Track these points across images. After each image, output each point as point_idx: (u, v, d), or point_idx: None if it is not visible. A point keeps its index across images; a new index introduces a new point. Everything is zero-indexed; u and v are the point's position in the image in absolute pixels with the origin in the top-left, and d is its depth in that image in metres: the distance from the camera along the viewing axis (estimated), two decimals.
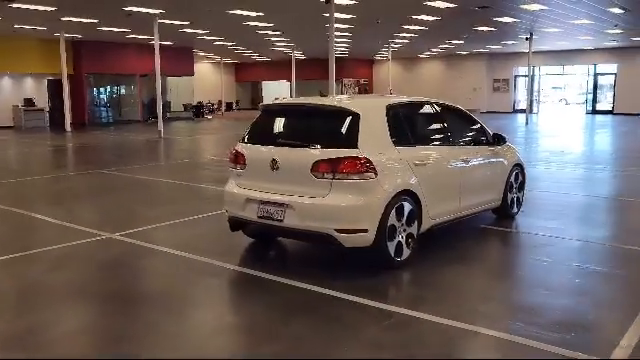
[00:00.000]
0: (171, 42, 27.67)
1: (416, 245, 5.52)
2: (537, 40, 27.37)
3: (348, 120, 5.27)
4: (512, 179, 7.19)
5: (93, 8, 18.41)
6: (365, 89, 43.66)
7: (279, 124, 5.85)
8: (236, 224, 5.87)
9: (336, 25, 22.48)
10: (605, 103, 35.62)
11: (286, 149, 5.40)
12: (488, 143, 6.82)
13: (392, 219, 5.19)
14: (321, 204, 5.05)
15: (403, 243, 5.36)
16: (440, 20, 20.94)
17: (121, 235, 6.71)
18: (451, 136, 6.34)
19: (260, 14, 19.40)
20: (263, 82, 47.35)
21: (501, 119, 30.30)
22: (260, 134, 5.84)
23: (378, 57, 41.87)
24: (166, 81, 31.48)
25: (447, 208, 6.01)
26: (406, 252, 5.40)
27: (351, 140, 5.14)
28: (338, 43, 30.31)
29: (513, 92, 38.37)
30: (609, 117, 32.23)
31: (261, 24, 22.03)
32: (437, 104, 6.36)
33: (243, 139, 5.88)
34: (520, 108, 37.83)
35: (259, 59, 41.96)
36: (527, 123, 26.74)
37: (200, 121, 32.54)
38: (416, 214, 5.48)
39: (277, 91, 46.57)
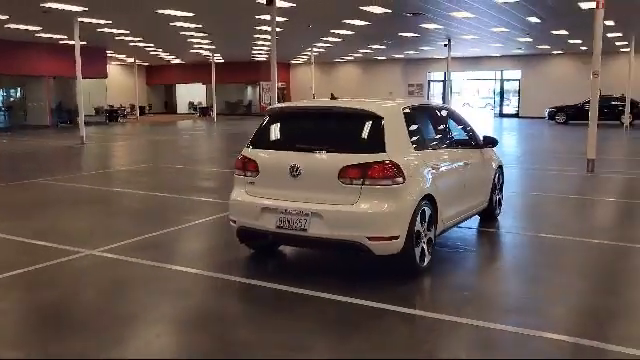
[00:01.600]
0: (84, 42, 26.03)
1: (433, 249, 5.47)
2: (452, 46, 28.45)
3: (373, 123, 5.11)
4: (496, 180, 7.35)
5: (6, 3, 16.91)
6: (283, 93, 43.50)
7: (295, 128, 5.55)
8: (247, 235, 5.52)
9: (266, 28, 22.26)
10: (511, 107, 37.87)
11: (308, 154, 5.13)
12: (479, 145, 6.91)
13: (417, 224, 5.09)
14: (351, 211, 4.85)
15: (425, 248, 5.28)
16: (370, 25, 21.27)
17: (103, 251, 6.10)
18: (454, 139, 6.37)
19: (191, 14, 18.71)
20: (177, 85, 45.86)
21: None
22: (273, 139, 5.54)
23: (294, 61, 41.89)
24: (78, 83, 29.53)
25: (454, 211, 6.01)
26: (427, 257, 5.33)
27: (378, 144, 4.98)
28: (262, 46, 29.98)
29: (427, 96, 39.82)
30: (515, 120, 34.26)
31: (188, 25, 21.27)
32: (441, 108, 6.36)
33: (251, 144, 5.55)
34: None
35: (173, 61, 40.60)
36: None
37: (114, 126, 30.92)
38: (433, 218, 5.42)
39: (192, 95, 45.38)
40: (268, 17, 19.14)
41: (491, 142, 6.99)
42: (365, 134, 5.13)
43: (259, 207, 5.21)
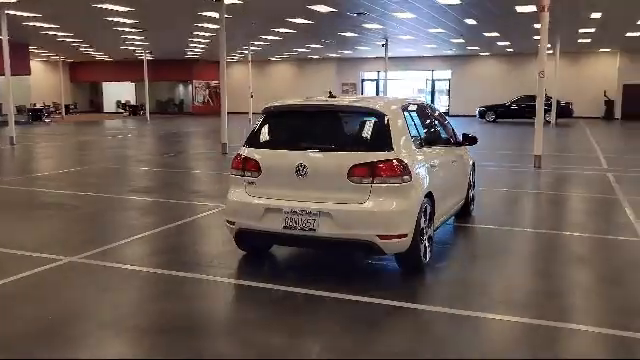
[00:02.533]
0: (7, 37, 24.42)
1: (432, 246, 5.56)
2: (388, 46, 28.97)
3: (378, 121, 5.12)
4: (470, 177, 7.56)
5: None
6: (216, 92, 42.76)
7: (298, 126, 5.44)
8: (247, 237, 5.37)
9: (207, 25, 21.81)
10: (441, 106, 39.10)
11: (315, 153, 5.06)
12: (459, 143, 7.07)
13: (421, 222, 5.15)
14: (361, 210, 4.83)
15: (427, 245, 5.35)
16: (312, 24, 21.29)
17: (84, 258, 5.75)
18: (444, 137, 6.49)
19: (128, 9, 17.97)
20: (104, 83, 44.01)
21: None
22: (274, 138, 5.41)
23: (228, 59, 41.24)
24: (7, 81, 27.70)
25: (446, 208, 6.13)
26: (428, 253, 5.41)
27: (385, 142, 5.00)
28: (197, 44, 29.31)
29: (361, 95, 40.41)
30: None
31: (124, 20, 20.44)
32: (430, 106, 6.45)
33: (248, 143, 5.40)
34: None
35: (99, 58, 38.90)
36: None
37: (39, 125, 29.23)
38: (432, 216, 5.50)
39: (120, 93, 43.73)
40: (211, 14, 18.86)
41: (471, 140, 7.16)
42: (372, 132, 5.13)
43: (263, 208, 5.09)
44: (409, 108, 5.74)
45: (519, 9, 17.89)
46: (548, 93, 30.11)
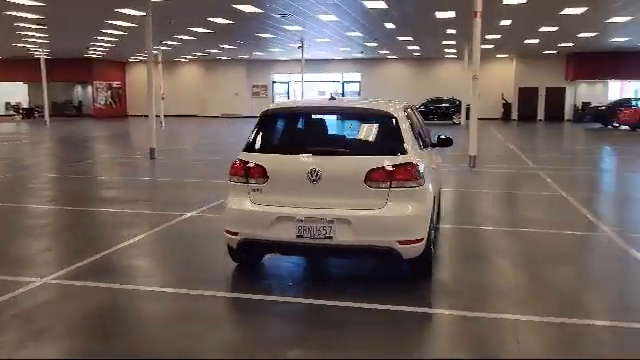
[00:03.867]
0: None
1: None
2: (295, 49, 28.94)
3: (389, 124, 4.99)
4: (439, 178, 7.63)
5: None
6: (118, 93, 40.67)
7: (306, 130, 5.17)
8: (253, 248, 5.02)
9: (119, 23, 20.63)
10: None
11: (329, 157, 4.82)
12: (435, 145, 7.08)
13: (431, 225, 5.09)
14: (381, 216, 4.67)
15: (432, 248, 5.30)
16: (232, 24, 20.79)
17: (59, 279, 5.12)
18: (429, 139, 6.48)
19: (39, 4, 16.53)
20: None
21: None
22: (280, 142, 5.11)
23: (133, 59, 39.41)
24: None
25: (434, 211, 6.11)
26: (433, 257, 5.36)
27: (398, 145, 4.87)
28: (102, 42, 27.65)
29: (272, 97, 40.18)
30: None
31: (27, 15, 18.75)
32: (416, 107, 6.41)
33: (249, 148, 5.06)
34: None
35: None
36: None
37: None
38: (436, 219, 5.46)
39: (9, 94, 40.28)
40: (128, 11, 17.83)
41: (446, 142, 7.19)
42: (385, 135, 5.00)
43: (273, 216, 4.78)
44: (407, 110, 5.67)
45: (439, 15, 18.55)
46: (455, 96, 31.78)
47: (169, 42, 27.53)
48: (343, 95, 39.71)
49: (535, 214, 8.51)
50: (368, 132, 5.13)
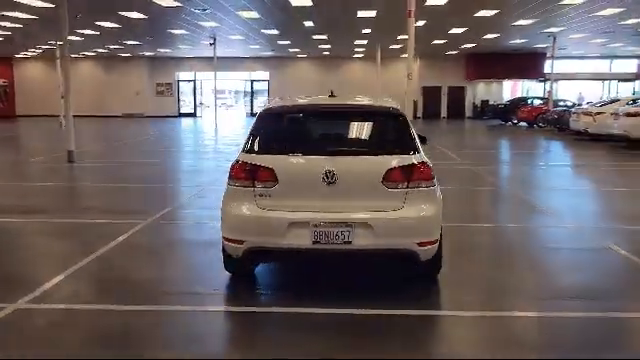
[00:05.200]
0: None
1: None
2: (202, 47, 28.12)
3: (398, 122, 4.83)
4: None
5: None
6: (5, 91, 37.34)
7: (315, 129, 4.86)
8: (260, 257, 4.65)
9: (16, 14, 18.89)
10: (260, 108, 39.28)
11: (345, 158, 4.56)
12: None
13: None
14: (401, 217, 4.48)
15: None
16: (144, 19, 19.72)
17: (32, 302, 4.45)
18: None
19: None
20: None
21: (170, 123, 30.93)
22: (287, 142, 4.75)
23: (22, 56, 36.34)
24: None
25: None
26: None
27: (410, 144, 4.72)
28: None
29: (177, 97, 38.77)
30: None
31: None
32: None
33: (250, 150, 4.68)
34: (185, 112, 38.68)
35: None
36: (194, 125, 27.54)
37: None
38: None
39: None
40: (28, 1, 16.33)
41: (423, 140, 7.13)
42: (395, 134, 4.82)
43: (285, 222, 4.44)
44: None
45: (360, 14, 18.72)
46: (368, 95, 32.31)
47: (69, 37, 25.60)
48: (252, 95, 39.19)
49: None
50: (379, 131, 4.92)
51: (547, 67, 31.36)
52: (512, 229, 7.31)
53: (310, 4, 16.67)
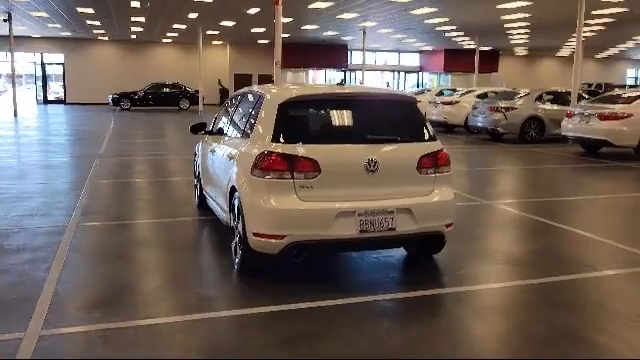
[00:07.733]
0: None
1: None
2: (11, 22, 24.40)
3: (416, 110, 5.04)
4: None
5: None
6: None
7: (343, 118, 4.74)
8: (304, 250, 4.42)
9: None
10: (54, 94, 35.31)
11: (383, 146, 4.62)
12: None
13: None
14: (433, 201, 4.72)
15: None
16: None
17: (49, 333, 3.65)
18: None
19: None
20: None
21: None
22: (322, 131, 4.60)
23: None
24: None
25: None
26: None
27: (429, 131, 4.97)
28: None
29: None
30: (70, 107, 32.04)
31: None
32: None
33: (282, 139, 4.43)
34: None
35: None
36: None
37: None
38: None
39: None
40: None
41: None
42: (414, 122, 5.01)
43: (333, 213, 4.35)
44: None
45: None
46: (181, 82, 31.35)
47: None
48: (45, 79, 34.93)
49: None
50: (404, 118, 5.00)
51: (350, 59, 33.80)
52: None
53: None
